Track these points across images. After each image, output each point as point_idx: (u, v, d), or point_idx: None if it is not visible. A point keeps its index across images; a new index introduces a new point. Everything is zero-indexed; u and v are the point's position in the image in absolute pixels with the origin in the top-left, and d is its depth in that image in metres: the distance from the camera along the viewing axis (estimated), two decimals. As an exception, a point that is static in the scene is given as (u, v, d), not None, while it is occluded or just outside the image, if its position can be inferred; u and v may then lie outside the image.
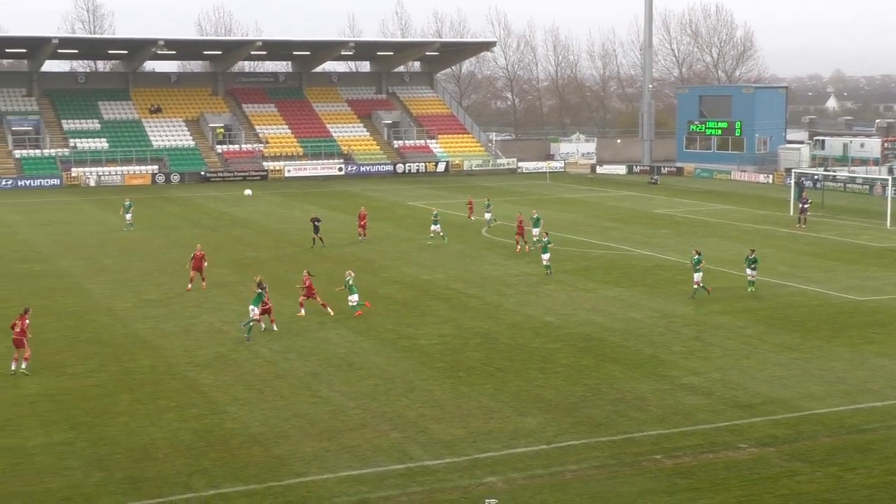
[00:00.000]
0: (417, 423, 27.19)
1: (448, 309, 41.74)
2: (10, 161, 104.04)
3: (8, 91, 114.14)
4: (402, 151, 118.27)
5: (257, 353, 34.33)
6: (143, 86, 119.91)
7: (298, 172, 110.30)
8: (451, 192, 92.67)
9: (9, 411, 28.19)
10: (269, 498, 22.24)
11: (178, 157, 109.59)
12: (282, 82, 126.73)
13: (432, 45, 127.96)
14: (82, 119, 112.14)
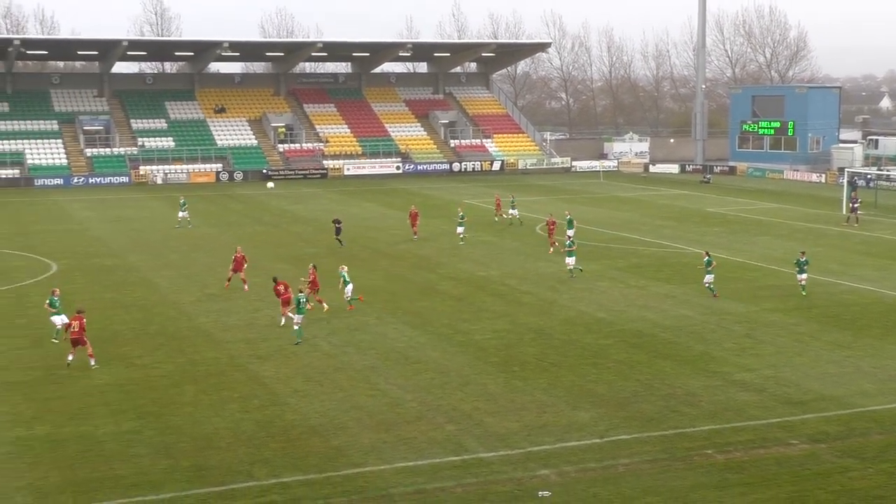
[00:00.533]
0: (472, 416, 27.19)
1: (503, 305, 41.69)
2: (81, 159, 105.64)
3: (80, 92, 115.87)
4: (459, 150, 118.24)
5: (317, 347, 34.52)
6: (207, 86, 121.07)
7: (357, 171, 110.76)
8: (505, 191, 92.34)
9: (80, 401, 28.61)
10: (328, 487, 22.35)
11: (241, 155, 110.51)
12: (341, 83, 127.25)
13: (488, 46, 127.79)
14: (150, 119, 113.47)
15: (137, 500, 21.60)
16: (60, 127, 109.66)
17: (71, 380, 30.66)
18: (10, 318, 39.15)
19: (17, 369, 31.83)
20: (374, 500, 21.64)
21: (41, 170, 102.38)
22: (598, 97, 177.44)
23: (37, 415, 27.30)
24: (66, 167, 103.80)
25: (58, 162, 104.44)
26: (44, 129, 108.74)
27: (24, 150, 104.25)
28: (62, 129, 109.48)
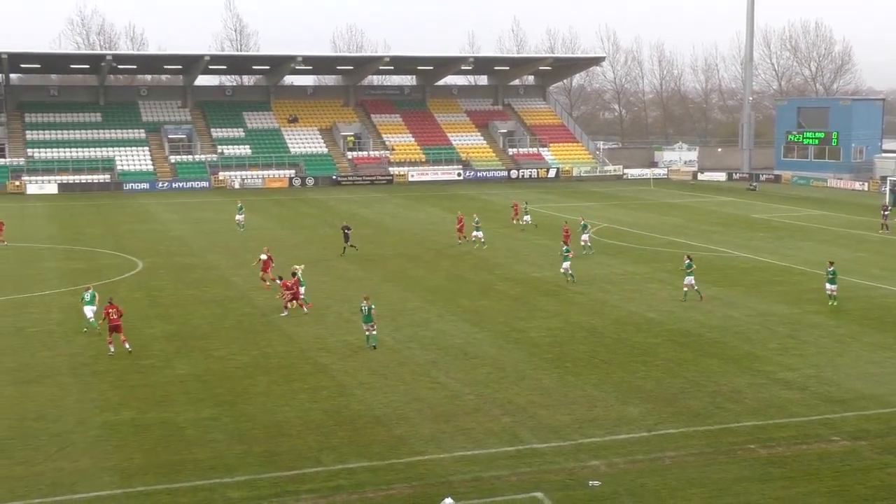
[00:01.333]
0: (527, 409, 27.11)
1: (556, 304, 41.52)
2: (166, 165, 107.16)
3: (165, 103, 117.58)
4: (516, 158, 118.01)
5: (382, 342, 34.62)
6: (282, 98, 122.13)
7: (421, 177, 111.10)
8: (560, 197, 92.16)
9: (163, 389, 29.01)
10: (391, 474, 22.43)
11: (313, 162, 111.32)
12: (407, 94, 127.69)
13: (545, 60, 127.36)
14: (229, 128, 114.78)
15: (214, 482, 21.82)
16: (147, 136, 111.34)
17: (154, 370, 31.10)
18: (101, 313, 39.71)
19: (107, 359, 32.32)
20: (434, 486, 21.66)
21: (130, 175, 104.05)
22: (649, 108, 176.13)
23: (123, 401, 27.73)
24: (152, 173, 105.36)
25: (145, 168, 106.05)
26: (132, 138, 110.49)
27: (114, 157, 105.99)
28: (149, 137, 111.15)
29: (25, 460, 23.11)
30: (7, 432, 25.05)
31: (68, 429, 25.36)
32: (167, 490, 21.40)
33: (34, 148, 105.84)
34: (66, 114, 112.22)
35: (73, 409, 27.06)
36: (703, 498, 21.12)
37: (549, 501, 20.86)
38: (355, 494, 21.24)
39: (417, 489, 21.57)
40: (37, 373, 30.68)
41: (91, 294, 36.92)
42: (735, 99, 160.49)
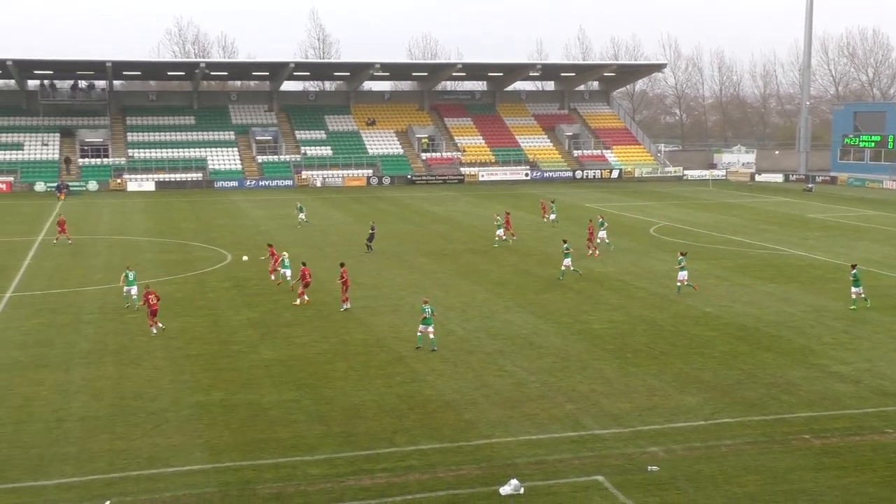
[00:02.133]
0: (589, 397, 26.93)
1: (618, 298, 41.15)
2: (253, 165, 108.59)
3: (253, 107, 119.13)
4: (581, 160, 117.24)
5: (452, 332, 34.68)
6: (361, 102, 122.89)
7: (490, 177, 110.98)
8: (621, 196, 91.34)
9: (249, 372, 29.40)
10: (460, 455, 22.44)
11: (389, 162, 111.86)
12: (478, 99, 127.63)
13: (609, 66, 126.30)
14: (312, 130, 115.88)
15: (296, 460, 22.05)
16: (236, 137, 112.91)
17: (241, 354, 31.53)
18: (193, 301, 40.43)
19: (198, 344, 32.89)
20: (501, 468, 21.62)
21: (220, 174, 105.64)
22: (708, 113, 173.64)
23: (213, 383, 28.16)
24: (241, 171, 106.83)
25: (234, 167, 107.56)
26: (223, 139, 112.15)
27: (206, 157, 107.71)
28: (238, 139, 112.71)
29: (124, 435, 23.61)
30: (108, 409, 25.62)
31: (163, 407, 25.84)
32: (252, 466, 21.68)
33: (134, 148, 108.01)
34: (163, 117, 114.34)
35: (168, 389, 27.56)
36: (758, 484, 20.77)
37: (610, 485, 20.70)
38: (426, 474, 21.30)
39: (485, 470, 21.56)
40: (135, 355, 31.31)
41: (133, 274, 39.17)
42: (792, 103, 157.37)
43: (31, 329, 34.98)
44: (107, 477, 21.01)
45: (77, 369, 29.60)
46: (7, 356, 31.05)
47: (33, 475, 21.11)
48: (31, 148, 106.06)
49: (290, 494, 20.17)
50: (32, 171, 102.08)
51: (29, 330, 34.83)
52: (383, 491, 20.36)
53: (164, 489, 20.39)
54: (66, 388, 27.60)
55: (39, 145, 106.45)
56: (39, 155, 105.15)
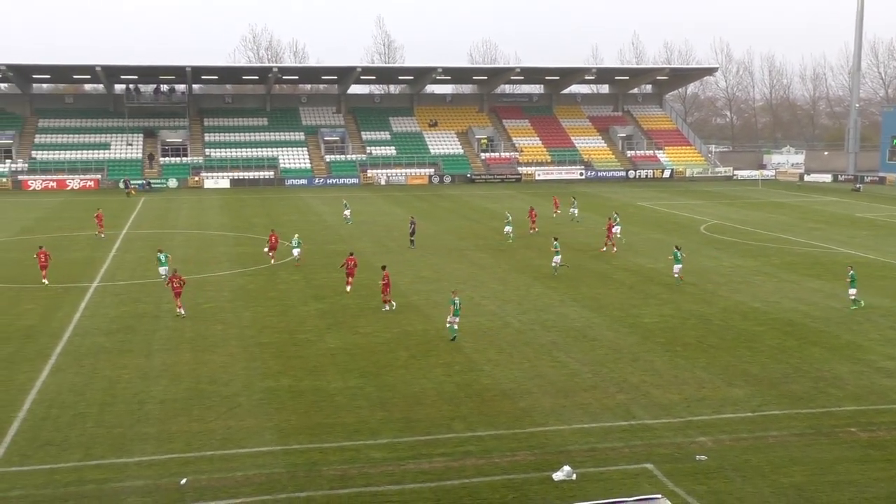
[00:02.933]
0: (640, 388, 26.66)
1: (669, 293, 40.65)
2: (322, 164, 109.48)
3: (322, 109, 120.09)
4: (634, 160, 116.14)
5: (508, 324, 34.58)
6: (423, 104, 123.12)
7: (546, 176, 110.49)
8: (673, 195, 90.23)
9: (316, 360, 29.63)
10: (515, 442, 22.37)
11: (450, 162, 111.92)
12: (535, 102, 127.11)
13: (662, 70, 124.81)
14: (377, 131, 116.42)
15: (359, 444, 22.17)
16: (306, 138, 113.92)
17: (308, 343, 31.78)
18: (264, 292, 40.85)
19: (268, 333, 33.24)
20: (554, 454, 21.51)
21: (290, 172, 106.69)
22: (759, 115, 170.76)
23: (282, 370, 28.42)
24: (310, 170, 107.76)
25: (303, 166, 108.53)
26: (293, 140, 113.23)
27: (277, 156, 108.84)
28: (307, 139, 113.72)
29: (200, 418, 23.96)
30: (185, 393, 26.02)
31: (236, 392, 26.16)
32: (318, 449, 21.85)
33: (211, 148, 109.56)
34: (237, 118, 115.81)
35: (240, 375, 27.89)
36: (805, 475, 20.37)
37: (659, 472, 20.47)
38: (483, 459, 21.27)
39: (539, 456, 21.47)
40: (210, 342, 31.76)
41: (165, 256, 42.35)
42: (842, 106, 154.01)
43: (115, 317, 35.68)
44: (184, 456, 21.34)
45: (157, 355, 30.12)
46: (93, 342, 31.71)
47: (116, 453, 21.53)
48: (117, 147, 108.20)
49: (353, 476, 20.28)
50: (118, 169, 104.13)
51: (114, 318, 35.53)
52: (441, 475, 20.37)
53: (237, 469, 20.65)
54: (147, 372, 28.10)
55: (124, 145, 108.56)
56: (124, 154, 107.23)
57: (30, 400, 25.29)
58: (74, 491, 19.48)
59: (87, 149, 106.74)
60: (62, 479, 20.03)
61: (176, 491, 19.49)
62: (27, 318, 35.27)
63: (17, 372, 28.00)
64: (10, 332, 32.99)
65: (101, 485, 19.79)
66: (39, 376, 27.58)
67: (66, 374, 27.88)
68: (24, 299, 38.90)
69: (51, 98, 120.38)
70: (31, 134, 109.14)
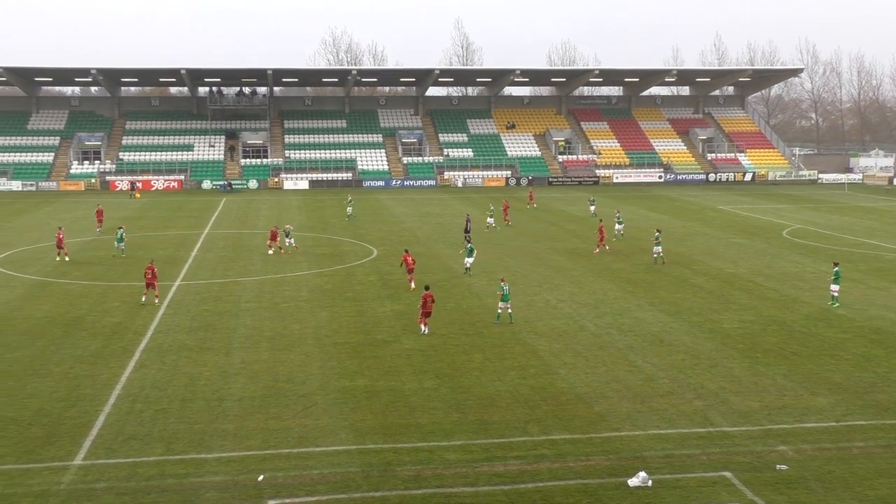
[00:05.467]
0: (718, 395, 26.18)
1: (749, 299, 39.83)
2: (399, 165, 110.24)
3: (400, 111, 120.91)
4: (714, 163, 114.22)
5: (584, 327, 34.32)
6: (501, 107, 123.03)
7: (624, 179, 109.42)
8: (755, 199, 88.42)
9: (391, 361, 29.82)
10: (590, 447, 22.19)
11: (527, 164, 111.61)
12: (614, 104, 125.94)
13: (745, 72, 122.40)
14: (454, 133, 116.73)
15: (433, 445, 22.24)
16: (384, 139, 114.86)
17: (384, 344, 32.01)
18: (341, 292, 41.27)
19: (345, 333, 33.57)
20: (629, 460, 21.27)
21: (368, 173, 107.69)
22: (845, 117, 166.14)
23: (358, 370, 28.67)
24: (387, 172, 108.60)
25: (381, 167, 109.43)
26: (371, 142, 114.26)
27: (356, 158, 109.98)
28: (385, 141, 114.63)
29: (277, 416, 24.32)
30: (263, 391, 26.45)
31: (312, 391, 26.48)
32: (393, 449, 21.98)
33: (291, 150, 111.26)
34: (317, 120, 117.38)
35: (317, 374, 28.23)
36: (891, 488, 19.74)
37: (737, 481, 20.07)
38: (557, 463, 21.15)
39: (614, 462, 21.25)
40: (288, 341, 32.22)
41: (121, 234, 50.98)
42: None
43: (196, 314, 36.47)
44: (261, 453, 21.69)
45: (236, 353, 30.69)
46: (175, 339, 32.48)
47: (196, 448, 22.00)
48: (200, 149, 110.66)
49: (427, 477, 20.36)
50: (201, 170, 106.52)
51: (195, 315, 36.33)
52: (515, 478, 20.32)
53: (313, 467, 20.91)
54: (227, 370, 28.65)
55: (207, 146, 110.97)
56: (207, 155, 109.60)
57: (115, 395, 26.03)
58: (156, 485, 19.97)
59: (172, 150, 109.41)
60: (145, 473, 20.55)
61: (253, 487, 19.83)
62: (113, 315, 36.31)
63: (104, 367, 28.84)
64: (98, 329, 34.00)
65: (181, 479, 20.26)
66: (124, 372, 28.36)
67: (150, 370, 28.61)
68: (111, 297, 40.04)
69: (138, 101, 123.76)
70: (119, 136, 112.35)
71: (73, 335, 33.05)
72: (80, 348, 31.22)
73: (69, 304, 38.54)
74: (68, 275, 45.43)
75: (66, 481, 20.07)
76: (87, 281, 43.77)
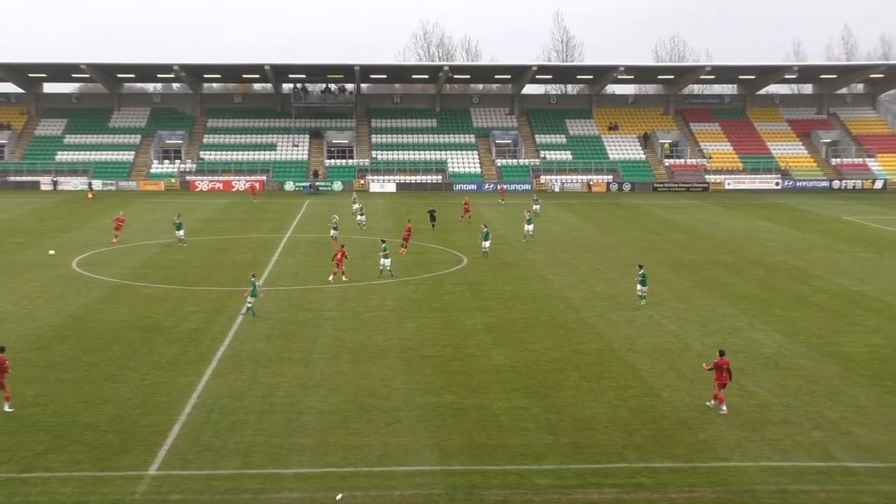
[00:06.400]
0: (840, 426, 25.44)
1: (877, 320, 38.61)
2: (492, 168, 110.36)
3: (494, 110, 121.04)
4: (839, 168, 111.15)
5: (690, 346, 33.79)
6: (603, 106, 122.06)
7: (737, 185, 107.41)
8: (886, 209, 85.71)
9: (480, 377, 29.84)
10: (694, 477, 21.82)
11: (631, 168, 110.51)
12: (727, 103, 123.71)
13: (877, 67, 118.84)
14: (551, 134, 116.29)
15: (523, 468, 22.18)
16: (477, 140, 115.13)
17: (473, 358, 32.06)
18: (429, 302, 41.50)
19: (431, 345, 33.75)
20: (738, 494, 20.84)
21: (459, 176, 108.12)
22: None
23: (444, 385, 28.79)
24: (479, 174, 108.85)
25: (472, 170, 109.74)
26: (463, 142, 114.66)
27: (446, 160, 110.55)
28: (478, 142, 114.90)
29: (358, 432, 24.59)
30: (344, 405, 26.77)
31: (395, 406, 26.69)
32: (480, 471, 22.00)
33: (378, 150, 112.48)
34: (405, 119, 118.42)
35: (401, 388, 28.44)
36: None
37: (860, 522, 19.48)
38: (657, 493, 20.86)
39: (720, 495, 20.85)
40: (371, 353, 32.56)
41: (178, 222, 57.46)
42: None
43: (276, 323, 37.16)
44: (340, 470, 21.97)
45: (316, 364, 31.15)
46: (254, 348, 33.14)
47: (273, 463, 22.41)
48: (283, 149, 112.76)
49: (515, 502, 20.31)
50: (283, 171, 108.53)
51: (275, 323, 37.02)
52: (612, 507, 20.12)
53: (394, 487, 21.07)
54: (306, 381, 29.10)
55: (290, 146, 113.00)
56: (290, 156, 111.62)
57: (191, 403, 26.71)
58: (231, 499, 20.40)
59: (254, 149, 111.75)
60: (219, 486, 21.02)
61: (332, 506, 20.08)
62: (191, 321, 37.27)
63: (181, 375, 29.62)
64: (176, 335, 34.95)
65: (257, 494, 20.66)
66: (201, 380, 29.08)
67: (227, 379, 29.27)
68: (189, 302, 41.11)
69: (220, 98, 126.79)
70: (200, 134, 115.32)
71: (149, 340, 34.05)
72: (156, 354, 32.15)
73: (147, 308, 39.72)
74: (146, 278, 46.81)
75: (140, 491, 20.67)
76: (165, 285, 45.03)
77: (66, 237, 62.30)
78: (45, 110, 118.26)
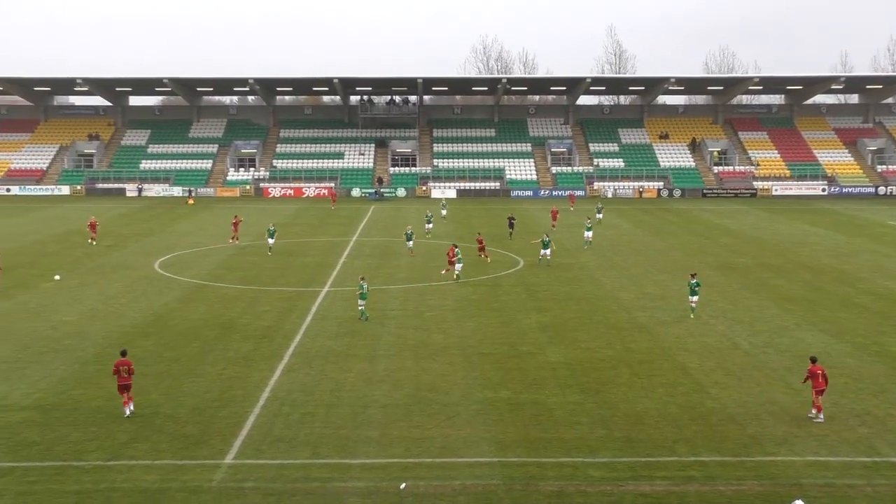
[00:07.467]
0: (885, 422, 24.87)
1: (922, 321, 37.69)
2: (547, 175, 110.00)
3: (550, 120, 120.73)
4: (885, 175, 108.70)
5: (737, 345, 33.33)
6: (654, 116, 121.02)
7: (784, 191, 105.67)
8: None
9: (535, 373, 29.78)
10: (742, 470, 21.51)
11: (680, 175, 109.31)
12: (774, 113, 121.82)
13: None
14: (604, 143, 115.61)
15: (577, 461, 22.07)
16: (533, 149, 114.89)
17: (529, 356, 31.98)
18: (488, 303, 41.47)
19: (489, 343, 33.74)
20: (785, 487, 20.49)
21: (516, 183, 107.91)
22: None
23: (501, 381, 28.76)
24: (535, 182, 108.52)
25: (529, 177, 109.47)
26: (520, 151, 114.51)
27: (504, 168, 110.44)
28: (534, 150, 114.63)
29: (420, 424, 24.67)
30: (407, 399, 26.88)
31: (455, 401, 26.73)
32: (536, 463, 21.93)
33: (439, 158, 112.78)
34: (465, 129, 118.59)
35: (460, 384, 28.46)
36: None
37: (905, 517, 19.04)
38: (706, 486, 20.60)
39: (767, 488, 20.52)
40: (431, 350, 32.64)
41: (272, 230, 56.57)
42: None
43: (343, 321, 37.44)
44: (403, 461, 22.06)
45: (380, 360, 31.31)
46: (322, 345, 33.44)
47: (340, 454, 22.58)
48: (350, 157, 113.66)
49: (570, 493, 20.21)
50: (351, 178, 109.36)
51: (341, 322, 37.30)
52: (662, 499, 19.92)
53: (454, 478, 21.10)
54: (371, 376, 29.27)
55: (357, 154, 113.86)
56: (357, 163, 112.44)
57: (264, 397, 27.03)
58: (301, 487, 20.60)
59: (323, 158, 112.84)
60: (291, 475, 21.24)
61: (395, 495, 20.17)
62: (264, 319, 37.72)
63: (254, 370, 30.00)
64: (250, 332, 35.41)
65: (325, 483, 20.83)
66: (273, 375, 29.42)
67: (297, 374, 29.56)
68: (262, 301, 41.62)
69: (291, 109, 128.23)
70: (273, 143, 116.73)
71: (225, 337, 34.53)
72: (232, 350, 32.60)
73: (223, 307, 40.29)
74: (223, 279, 47.49)
75: (217, 479, 20.97)
76: (241, 285, 45.64)
77: (149, 241, 63.50)
78: (130, 122, 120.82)
